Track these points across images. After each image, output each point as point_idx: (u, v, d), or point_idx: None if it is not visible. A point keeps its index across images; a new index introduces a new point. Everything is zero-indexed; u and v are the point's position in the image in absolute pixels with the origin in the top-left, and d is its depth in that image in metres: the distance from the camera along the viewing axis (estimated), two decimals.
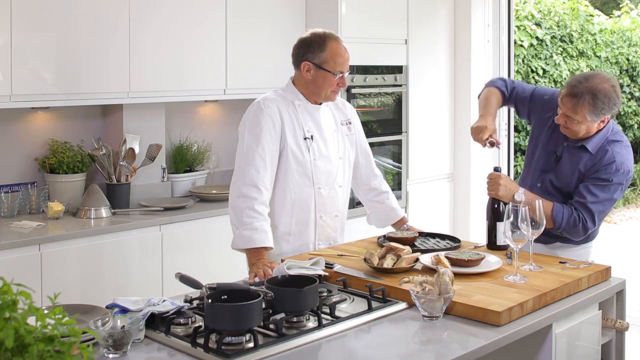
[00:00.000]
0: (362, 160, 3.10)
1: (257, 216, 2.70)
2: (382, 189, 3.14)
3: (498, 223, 2.73)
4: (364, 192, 3.15)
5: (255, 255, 2.69)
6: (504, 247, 2.71)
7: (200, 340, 1.86)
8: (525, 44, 8.51)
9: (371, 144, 3.78)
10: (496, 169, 2.82)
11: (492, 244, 2.77)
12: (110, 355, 1.80)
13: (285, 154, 2.81)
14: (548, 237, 2.81)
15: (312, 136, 2.86)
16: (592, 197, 2.75)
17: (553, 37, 8.93)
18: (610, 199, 2.77)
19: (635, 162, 10.00)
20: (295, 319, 2.02)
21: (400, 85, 4.92)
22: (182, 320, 2.01)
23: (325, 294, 2.26)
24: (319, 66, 2.82)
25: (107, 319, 1.86)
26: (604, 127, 2.80)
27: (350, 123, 3.04)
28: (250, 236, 2.68)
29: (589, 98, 2.66)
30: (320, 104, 2.93)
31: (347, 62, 2.87)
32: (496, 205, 2.77)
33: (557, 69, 8.85)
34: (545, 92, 3.05)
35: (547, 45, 8.79)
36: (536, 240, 2.71)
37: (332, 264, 2.51)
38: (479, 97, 3.19)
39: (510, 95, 3.11)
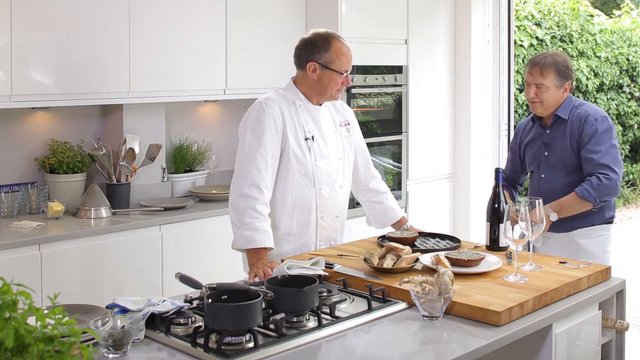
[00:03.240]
0: (360, 161, 3.10)
1: (259, 216, 2.69)
2: (381, 190, 3.14)
3: (500, 224, 2.72)
4: (363, 193, 3.16)
5: (255, 255, 2.68)
6: (505, 249, 2.72)
7: (200, 340, 1.86)
8: (525, 44, 8.51)
9: (371, 144, 3.79)
10: (497, 171, 2.82)
11: (494, 246, 2.77)
12: (110, 355, 1.80)
13: (286, 154, 2.81)
14: (567, 224, 3.05)
15: (312, 137, 2.87)
16: (596, 153, 3.03)
17: (553, 37, 8.93)
18: (611, 145, 3.06)
19: (635, 162, 9.99)
20: (295, 319, 2.02)
21: (400, 85, 4.92)
22: (182, 320, 2.01)
23: (325, 294, 2.26)
24: (325, 66, 2.84)
25: (107, 319, 1.86)
26: (567, 97, 3.17)
27: (348, 124, 3.04)
28: (251, 236, 2.68)
29: (552, 61, 3.11)
30: (321, 104, 2.94)
31: (351, 60, 2.90)
32: (496, 206, 2.77)
33: None
34: (514, 139, 3.41)
35: (547, 45, 8.79)
36: (559, 229, 3.02)
37: (332, 264, 2.51)
38: None
39: (508, 179, 3.37)
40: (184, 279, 2.26)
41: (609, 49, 9.53)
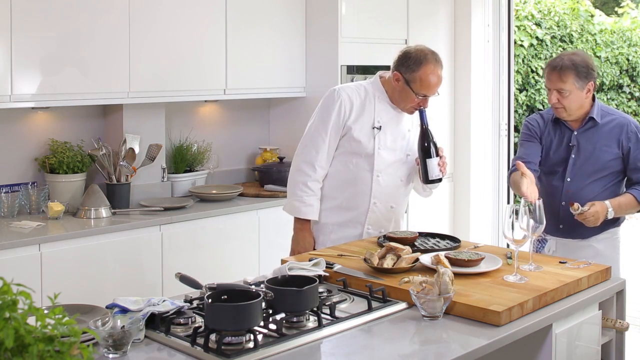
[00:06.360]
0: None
1: (308, 191, 3.06)
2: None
3: (428, 160, 2.95)
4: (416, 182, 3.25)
5: (300, 223, 3.11)
6: (438, 181, 2.95)
7: (200, 340, 1.86)
8: (525, 44, 8.51)
9: None
10: (421, 111, 2.96)
11: (426, 179, 2.97)
12: (110, 355, 1.80)
13: (347, 137, 3.06)
14: (586, 230, 3.01)
15: (380, 127, 3.06)
16: None
17: (553, 37, 8.93)
18: None
19: None
20: (295, 319, 2.02)
21: None
22: (182, 320, 2.01)
23: (325, 294, 2.26)
24: (407, 82, 2.99)
25: (107, 319, 1.86)
26: (594, 101, 3.07)
27: None
28: (298, 207, 3.08)
29: (570, 64, 2.98)
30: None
31: (435, 87, 3.01)
32: (425, 141, 2.94)
33: None
34: (529, 129, 3.22)
35: (547, 45, 8.79)
36: (575, 236, 3.03)
37: (332, 264, 2.51)
38: (510, 181, 3.25)
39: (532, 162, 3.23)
40: (184, 279, 2.26)
41: (609, 49, 9.52)
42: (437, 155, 2.97)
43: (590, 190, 3.04)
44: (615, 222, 3.10)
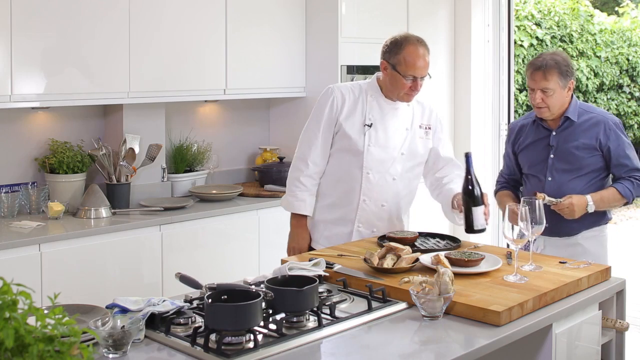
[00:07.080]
0: (429, 160, 3.17)
1: (300, 186, 3.10)
2: (441, 176, 3.14)
3: (474, 208, 2.73)
4: (431, 190, 3.22)
5: (296, 219, 3.15)
6: (482, 231, 2.76)
7: (200, 340, 1.86)
8: (525, 44, 8.51)
9: None
10: (467, 155, 2.79)
11: (470, 228, 2.77)
12: (110, 355, 1.80)
13: (339, 134, 3.07)
14: (572, 228, 3.05)
15: (371, 124, 3.05)
16: (630, 159, 3.07)
17: (553, 37, 8.94)
18: (632, 147, 3.12)
19: None
20: (295, 319, 2.02)
21: None
22: (182, 320, 2.01)
23: (325, 294, 2.26)
24: (393, 67, 2.99)
25: (107, 319, 1.86)
26: (572, 98, 3.11)
27: (428, 128, 3.16)
28: (291, 202, 3.13)
29: (553, 63, 3.01)
30: (396, 100, 3.08)
31: (422, 68, 2.98)
32: (470, 187, 2.74)
33: None
34: (507, 138, 3.40)
35: (547, 45, 8.79)
36: (563, 234, 3.04)
37: (332, 264, 2.51)
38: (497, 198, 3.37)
39: (508, 181, 3.37)
40: (184, 279, 2.26)
41: (609, 49, 9.53)
42: (483, 203, 2.75)
43: (572, 188, 3.06)
44: (601, 219, 3.11)
